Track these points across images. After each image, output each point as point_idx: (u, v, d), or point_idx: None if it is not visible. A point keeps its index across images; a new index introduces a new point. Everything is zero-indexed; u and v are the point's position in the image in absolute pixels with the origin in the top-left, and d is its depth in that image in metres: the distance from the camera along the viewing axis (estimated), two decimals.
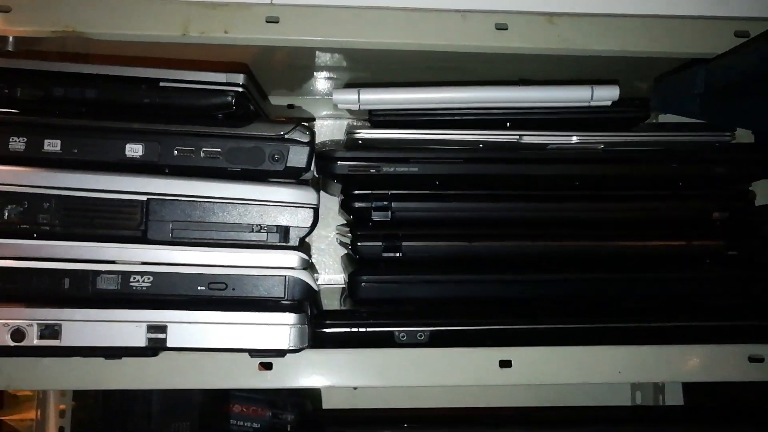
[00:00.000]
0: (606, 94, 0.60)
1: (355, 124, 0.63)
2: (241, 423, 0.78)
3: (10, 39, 0.55)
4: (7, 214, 0.47)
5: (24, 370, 0.51)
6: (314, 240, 0.85)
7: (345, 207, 0.63)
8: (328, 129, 0.86)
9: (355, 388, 0.87)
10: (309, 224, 0.49)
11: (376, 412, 0.73)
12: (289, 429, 0.78)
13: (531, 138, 0.61)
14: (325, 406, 0.84)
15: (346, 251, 0.78)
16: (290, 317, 0.48)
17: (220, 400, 0.67)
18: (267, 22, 0.55)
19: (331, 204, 0.81)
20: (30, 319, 0.47)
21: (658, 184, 0.63)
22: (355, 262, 0.62)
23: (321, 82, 0.74)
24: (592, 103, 0.60)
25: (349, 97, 0.60)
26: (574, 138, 0.61)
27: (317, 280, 0.77)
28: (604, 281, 0.60)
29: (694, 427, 0.65)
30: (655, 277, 0.60)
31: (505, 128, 0.61)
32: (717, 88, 0.49)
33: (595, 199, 0.62)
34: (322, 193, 0.74)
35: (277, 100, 0.80)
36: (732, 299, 0.61)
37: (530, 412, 0.75)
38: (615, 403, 0.85)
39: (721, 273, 0.60)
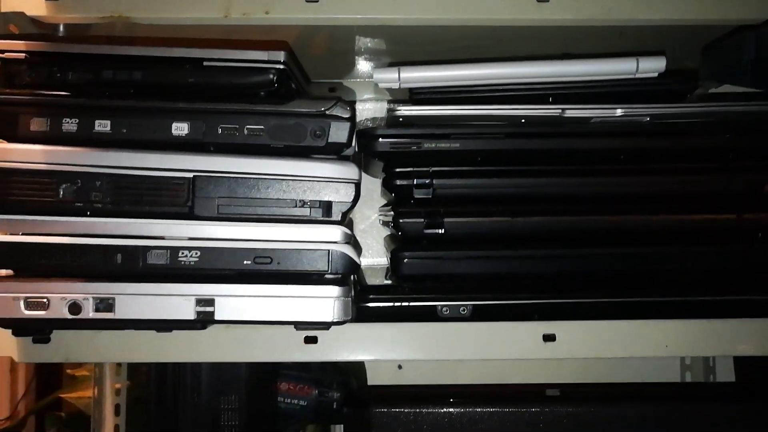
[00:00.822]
0: (652, 66, 0.58)
1: (396, 102, 0.63)
2: (289, 401, 0.80)
3: (61, 26, 0.57)
4: (62, 193, 0.48)
5: (81, 344, 0.53)
6: (357, 221, 0.86)
7: (387, 185, 0.63)
8: (369, 112, 0.87)
9: (399, 367, 0.88)
10: (351, 199, 0.50)
11: (421, 389, 0.74)
12: (335, 406, 0.79)
13: (574, 111, 0.60)
14: (370, 384, 0.85)
15: (388, 232, 0.78)
16: (334, 290, 0.49)
17: (267, 376, 0.68)
18: (307, 1, 0.56)
19: (373, 186, 0.81)
20: (86, 293, 0.48)
21: (707, 157, 0.61)
22: (398, 240, 0.63)
23: (361, 64, 0.74)
24: (638, 75, 0.59)
25: (389, 76, 0.60)
26: (619, 110, 0.59)
27: (360, 257, 0.78)
28: (650, 256, 0.59)
29: (745, 404, 0.63)
30: (702, 251, 0.59)
31: (547, 103, 0.60)
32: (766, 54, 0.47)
33: (640, 173, 0.61)
34: (365, 175, 0.75)
35: (319, 87, 0.81)
36: None
37: (576, 389, 0.74)
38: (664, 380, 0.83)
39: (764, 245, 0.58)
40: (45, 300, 0.48)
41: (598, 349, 0.55)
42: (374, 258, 0.85)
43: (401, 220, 0.60)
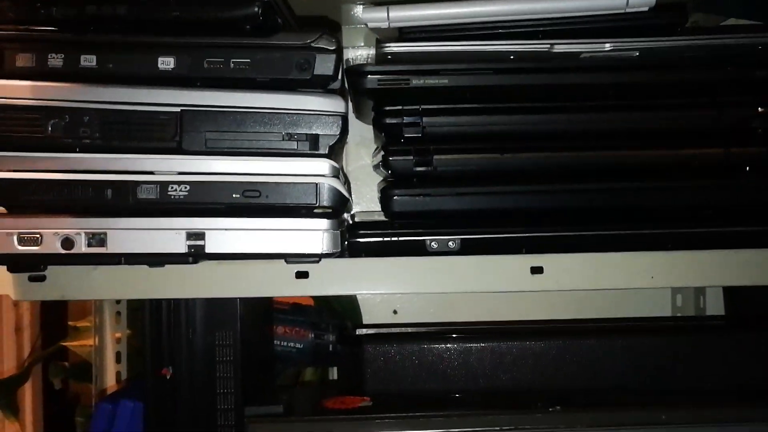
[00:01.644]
0: (642, 0, 0.58)
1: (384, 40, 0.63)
2: (285, 344, 0.82)
3: None
4: (50, 129, 0.49)
5: (76, 281, 0.54)
6: (351, 172, 0.87)
7: (376, 124, 0.63)
8: (361, 59, 0.86)
9: (395, 312, 0.89)
10: (338, 132, 0.50)
11: (414, 328, 0.75)
12: (331, 349, 0.81)
13: (562, 47, 0.59)
14: None
15: (381, 179, 0.79)
16: (323, 222, 0.50)
17: (262, 316, 0.69)
18: None
19: (368, 133, 0.81)
20: (78, 228, 0.49)
21: (695, 92, 0.61)
22: (388, 179, 0.63)
23: (354, 8, 0.73)
24: (628, 10, 0.59)
25: (378, 15, 0.60)
26: (607, 45, 0.59)
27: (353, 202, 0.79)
28: (639, 190, 0.59)
29: (733, 334, 0.64)
30: (691, 184, 0.59)
31: (537, 39, 0.60)
32: None
33: (629, 108, 0.61)
34: (361, 123, 0.75)
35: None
36: None
37: (566, 324, 0.76)
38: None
39: (757, 180, 0.59)
40: (38, 235, 0.49)
41: (585, 281, 0.56)
42: (369, 204, 0.86)
43: (391, 159, 0.60)
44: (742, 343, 0.65)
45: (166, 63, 0.49)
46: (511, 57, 0.60)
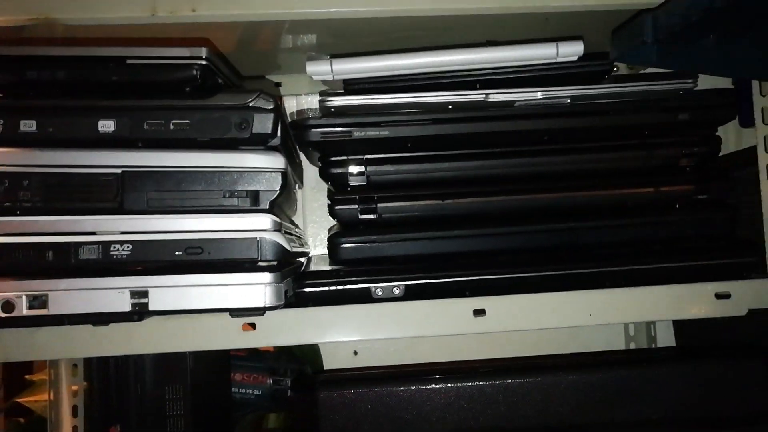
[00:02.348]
0: (571, 50, 0.61)
1: (328, 93, 0.65)
2: (243, 390, 0.82)
3: None
4: None
5: (19, 342, 0.54)
6: (308, 215, 0.88)
7: (323, 175, 0.65)
8: (312, 106, 0.88)
9: (355, 353, 0.90)
10: (278, 187, 0.51)
11: (373, 371, 0.76)
12: (289, 393, 0.81)
13: (497, 96, 0.62)
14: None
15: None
16: (265, 276, 0.50)
17: (217, 363, 0.70)
18: None
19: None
20: (18, 290, 0.49)
21: (624, 135, 0.64)
22: (336, 226, 0.65)
23: (299, 58, 0.75)
24: (559, 60, 0.62)
25: (322, 68, 0.62)
26: (539, 93, 0.62)
27: (308, 249, 0.80)
28: (574, 230, 0.62)
29: (682, 363, 0.66)
30: (624, 223, 0.62)
31: (474, 89, 0.63)
32: (666, 35, 0.50)
33: (563, 152, 0.64)
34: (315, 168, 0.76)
35: (254, 83, 0.82)
36: (700, 241, 0.62)
37: (524, 360, 0.77)
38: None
39: (684, 215, 0.61)
40: None
41: (526, 321, 0.57)
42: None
43: (336, 207, 0.62)
44: (690, 373, 0.67)
45: (107, 126, 0.50)
46: (449, 106, 0.62)
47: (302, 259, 0.73)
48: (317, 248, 0.88)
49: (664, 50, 0.54)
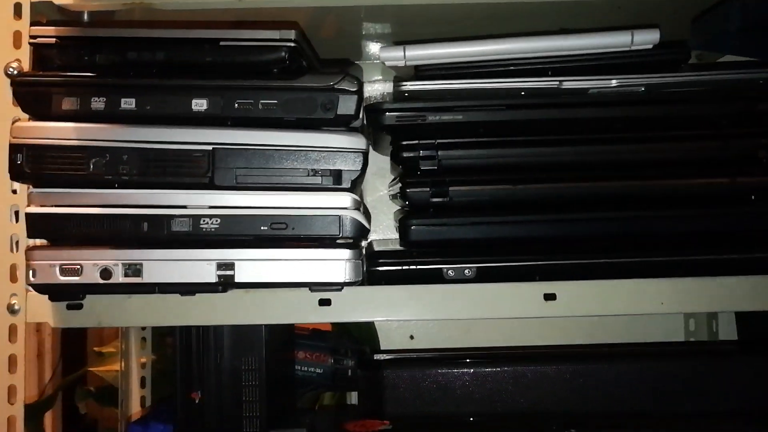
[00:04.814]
0: (646, 38, 0.61)
1: (401, 79, 0.66)
2: (306, 368, 0.84)
3: (85, 13, 0.60)
4: (91, 167, 0.52)
5: (112, 309, 0.57)
6: (369, 201, 0.90)
7: (394, 158, 0.66)
8: (378, 93, 0.89)
9: (411, 337, 0.92)
10: (359, 167, 0.53)
11: (430, 353, 0.77)
12: (350, 374, 0.83)
13: (571, 83, 0.62)
14: None
15: (398, 207, 0.82)
16: (345, 252, 0.52)
17: (285, 342, 0.72)
18: None
19: (384, 164, 0.84)
20: (116, 259, 0.52)
21: (700, 124, 0.64)
22: (406, 209, 0.66)
23: (372, 45, 0.77)
24: (633, 48, 0.62)
25: (395, 54, 0.63)
26: (614, 81, 0.62)
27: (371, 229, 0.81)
28: (647, 218, 0.62)
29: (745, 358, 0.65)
30: (699, 213, 0.61)
31: (547, 76, 0.63)
32: (754, 22, 0.50)
33: (636, 140, 0.63)
34: (377, 155, 0.78)
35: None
36: None
37: (580, 348, 0.78)
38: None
39: (759, 207, 0.61)
40: (78, 266, 0.52)
41: (596, 307, 0.58)
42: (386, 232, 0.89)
43: (408, 190, 0.63)
44: (754, 367, 0.66)
45: (200, 105, 0.52)
46: (522, 93, 0.63)
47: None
48: (374, 233, 0.90)
49: (748, 39, 0.53)
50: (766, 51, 0.54)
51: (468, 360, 0.67)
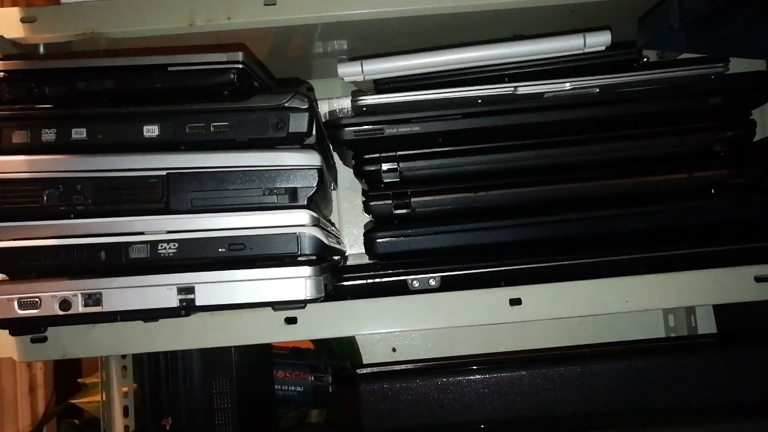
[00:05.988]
0: (598, 40, 0.62)
1: (359, 93, 0.66)
2: (286, 387, 0.84)
3: (41, 46, 0.61)
4: (45, 198, 0.52)
5: (76, 340, 0.57)
6: (342, 215, 0.90)
7: (357, 172, 0.67)
8: (345, 108, 0.90)
9: (393, 350, 0.91)
10: (314, 184, 0.53)
11: (412, 364, 0.77)
12: (331, 390, 0.83)
13: (526, 88, 0.63)
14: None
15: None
16: (305, 270, 0.52)
17: (260, 359, 0.72)
18: (266, 5, 0.59)
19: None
20: (75, 289, 0.52)
21: (655, 122, 0.65)
22: (372, 222, 0.66)
23: (330, 61, 0.77)
24: (586, 50, 0.62)
25: (353, 69, 0.64)
26: (568, 84, 0.63)
27: (345, 248, 0.81)
28: (608, 218, 0.62)
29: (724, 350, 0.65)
30: (655, 210, 0.62)
31: (504, 83, 0.63)
32: (693, 17, 0.50)
33: (594, 141, 0.64)
34: (348, 169, 0.78)
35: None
36: (736, 225, 0.62)
37: (561, 351, 0.78)
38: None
39: (719, 200, 0.61)
40: (37, 299, 0.52)
41: (562, 309, 0.58)
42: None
43: (371, 204, 0.63)
44: (733, 360, 0.66)
45: (151, 130, 0.52)
46: (479, 101, 0.63)
47: (339, 257, 0.75)
48: (353, 247, 0.90)
49: (692, 35, 0.54)
50: (708, 45, 0.55)
51: (447, 370, 0.67)
